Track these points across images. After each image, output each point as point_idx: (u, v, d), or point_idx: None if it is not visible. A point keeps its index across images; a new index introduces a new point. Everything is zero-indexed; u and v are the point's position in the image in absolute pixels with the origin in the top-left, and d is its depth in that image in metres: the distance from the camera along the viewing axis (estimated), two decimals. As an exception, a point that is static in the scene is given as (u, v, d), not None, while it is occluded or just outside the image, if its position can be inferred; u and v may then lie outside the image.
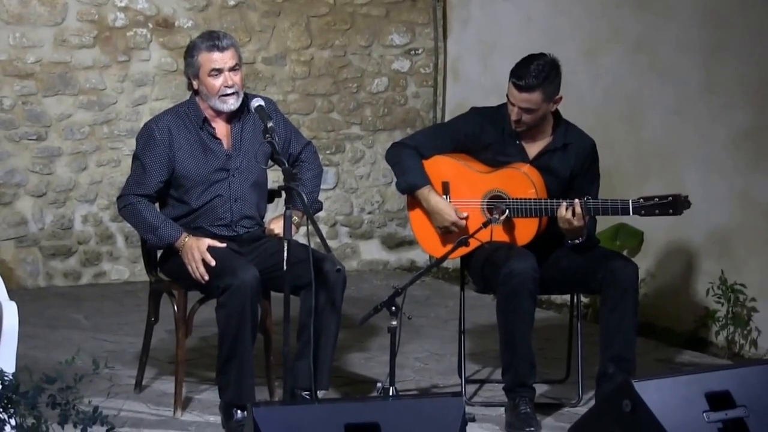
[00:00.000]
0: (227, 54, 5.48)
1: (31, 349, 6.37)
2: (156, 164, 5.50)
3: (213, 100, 5.52)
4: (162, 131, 5.53)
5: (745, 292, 6.67)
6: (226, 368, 5.36)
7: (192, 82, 5.57)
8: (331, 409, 4.27)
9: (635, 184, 7.14)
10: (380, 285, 8.20)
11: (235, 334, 5.30)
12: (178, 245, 5.43)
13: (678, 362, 6.61)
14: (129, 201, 5.51)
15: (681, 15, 7.02)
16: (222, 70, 5.47)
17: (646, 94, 7.25)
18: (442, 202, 5.69)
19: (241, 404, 5.33)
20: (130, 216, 5.53)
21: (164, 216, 5.52)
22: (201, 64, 5.49)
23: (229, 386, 5.37)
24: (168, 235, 5.44)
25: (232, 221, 5.58)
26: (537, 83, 5.51)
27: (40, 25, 7.85)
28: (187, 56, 5.57)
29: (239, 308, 5.26)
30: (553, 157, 5.69)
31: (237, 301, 5.25)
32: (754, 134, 6.65)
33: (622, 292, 5.50)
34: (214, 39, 5.50)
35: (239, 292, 5.24)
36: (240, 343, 5.30)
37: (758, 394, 4.53)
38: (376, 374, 6.17)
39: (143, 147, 5.54)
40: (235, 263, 5.34)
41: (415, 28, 8.69)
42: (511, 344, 5.52)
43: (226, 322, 5.31)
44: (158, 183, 5.52)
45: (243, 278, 5.24)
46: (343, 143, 8.61)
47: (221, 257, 5.39)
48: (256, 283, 5.27)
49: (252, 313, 5.30)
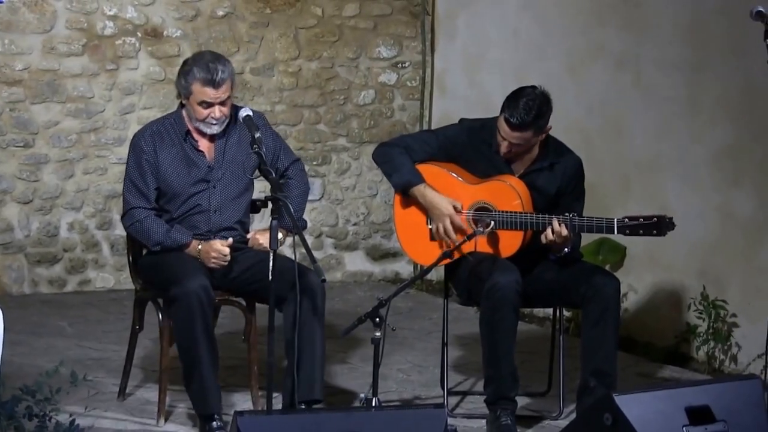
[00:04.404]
0: (221, 89, 5.47)
1: (16, 355, 6.38)
2: (148, 175, 5.55)
3: (197, 122, 5.56)
4: (147, 142, 5.58)
5: (726, 308, 6.72)
6: (188, 380, 5.38)
7: (181, 97, 5.59)
8: (315, 419, 4.31)
9: (617, 199, 7.20)
10: (364, 296, 8.22)
11: (189, 344, 5.31)
12: (193, 251, 5.48)
13: (659, 377, 6.65)
14: (137, 218, 5.54)
15: (663, 33, 7.08)
16: (213, 104, 5.49)
17: (629, 111, 7.30)
18: (438, 197, 5.70)
19: (209, 414, 5.35)
20: (139, 232, 5.55)
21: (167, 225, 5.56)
22: (193, 93, 5.50)
23: (194, 398, 5.39)
24: (180, 239, 5.50)
25: (210, 231, 5.61)
26: (529, 121, 5.54)
27: (29, 33, 7.87)
28: (181, 75, 5.54)
29: (187, 318, 5.27)
30: (539, 176, 5.72)
31: (183, 311, 5.27)
32: (735, 151, 6.71)
33: (603, 306, 5.54)
34: (212, 73, 5.44)
35: (184, 301, 5.25)
36: (196, 354, 5.31)
37: (738, 409, 4.57)
38: (359, 385, 6.20)
39: (136, 161, 5.58)
40: (182, 272, 5.34)
41: (403, 41, 8.74)
42: (493, 357, 5.55)
43: (178, 334, 5.35)
44: (155, 192, 5.58)
45: (188, 288, 5.25)
46: (329, 155, 8.64)
47: (176, 266, 5.40)
48: (203, 291, 5.27)
49: (203, 322, 5.28)
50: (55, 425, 3.74)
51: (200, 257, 5.49)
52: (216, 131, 5.58)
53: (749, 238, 6.62)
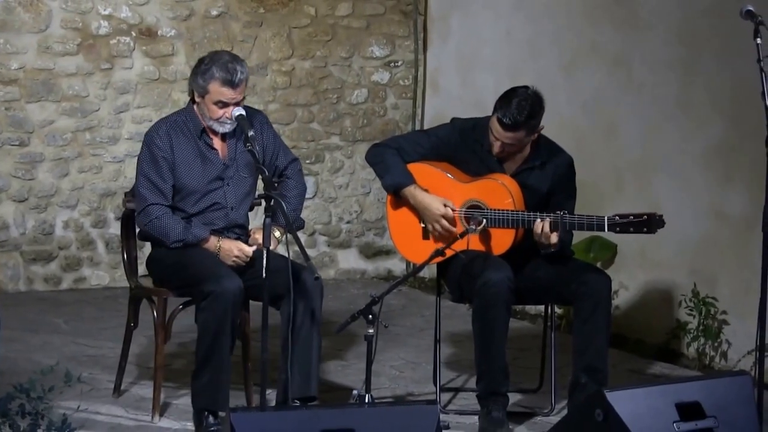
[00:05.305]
0: (239, 89, 5.47)
1: (11, 352, 6.41)
2: (165, 171, 5.55)
3: (210, 122, 5.57)
4: (163, 139, 5.57)
5: (717, 305, 6.76)
6: (201, 373, 5.41)
7: (194, 95, 5.58)
8: (308, 415, 4.33)
9: (610, 197, 7.23)
10: (357, 294, 8.25)
11: (213, 339, 5.35)
12: (211, 247, 5.51)
13: (649, 373, 6.69)
14: (155, 214, 5.53)
15: (656, 33, 7.12)
16: (228, 104, 5.50)
17: (622, 110, 7.33)
18: (428, 197, 5.73)
19: (213, 410, 5.38)
20: (158, 228, 5.54)
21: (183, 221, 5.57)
22: (210, 92, 5.49)
23: (202, 391, 5.41)
24: (200, 234, 5.52)
25: (226, 227, 5.64)
26: (522, 121, 5.57)
27: (24, 32, 7.90)
28: (198, 74, 5.51)
29: (219, 315, 5.31)
30: (531, 175, 5.76)
31: (218, 307, 5.31)
32: (726, 150, 6.75)
33: (595, 303, 5.58)
34: (231, 73, 5.44)
35: (221, 299, 5.29)
36: (217, 350, 5.35)
37: (728, 406, 4.59)
38: (352, 381, 6.23)
39: (151, 157, 5.56)
40: (220, 270, 5.39)
41: (396, 40, 8.77)
42: (485, 353, 5.58)
43: (205, 327, 5.36)
44: (171, 188, 5.58)
45: (226, 286, 5.30)
46: (322, 153, 8.67)
47: (207, 263, 5.45)
48: (239, 292, 5.33)
49: (232, 322, 5.35)
50: (48, 423, 3.76)
51: (219, 254, 5.52)
52: (228, 130, 5.59)
53: (740, 236, 6.65)
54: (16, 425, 3.75)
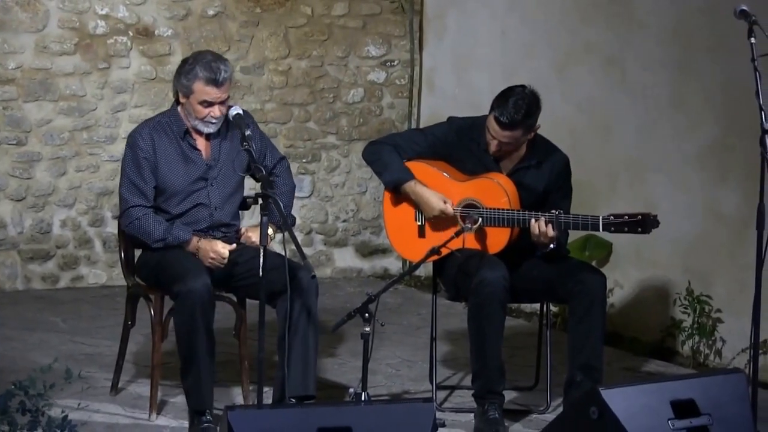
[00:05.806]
0: (223, 89, 5.49)
1: (9, 351, 6.43)
2: (147, 172, 5.58)
3: (195, 122, 5.59)
4: (145, 140, 5.60)
5: (711, 303, 6.78)
6: (185, 374, 5.45)
7: (179, 96, 5.61)
8: (304, 413, 4.34)
9: (604, 196, 7.25)
10: (354, 292, 8.26)
11: (188, 340, 5.37)
12: (191, 248, 5.53)
13: (644, 371, 6.71)
14: (136, 216, 5.56)
15: (651, 32, 7.14)
16: (213, 103, 5.53)
17: (616, 109, 7.36)
18: (428, 192, 5.74)
19: (199, 409, 5.41)
20: (139, 229, 5.57)
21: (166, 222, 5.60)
22: (194, 92, 5.52)
23: (189, 391, 5.45)
24: (182, 236, 5.54)
25: (210, 227, 5.66)
26: (519, 120, 5.59)
27: (22, 32, 7.91)
28: (182, 74, 5.54)
29: (189, 315, 5.33)
30: (527, 174, 5.78)
31: (185, 308, 5.33)
32: (720, 149, 6.77)
33: (590, 302, 5.59)
34: (215, 72, 5.47)
35: (187, 299, 5.31)
36: (194, 350, 5.37)
37: (722, 403, 4.62)
38: (348, 380, 6.25)
39: (133, 158, 5.60)
40: (186, 270, 5.39)
41: (392, 40, 8.79)
42: (481, 352, 5.61)
43: (179, 328, 5.41)
44: (153, 190, 5.61)
45: (191, 286, 5.31)
46: (319, 152, 8.70)
47: (182, 264, 5.45)
48: (206, 290, 5.33)
49: (204, 320, 5.34)
50: (48, 420, 3.78)
51: (198, 254, 5.54)
52: (213, 130, 5.62)
53: (734, 235, 6.67)
54: (16, 422, 3.77)
